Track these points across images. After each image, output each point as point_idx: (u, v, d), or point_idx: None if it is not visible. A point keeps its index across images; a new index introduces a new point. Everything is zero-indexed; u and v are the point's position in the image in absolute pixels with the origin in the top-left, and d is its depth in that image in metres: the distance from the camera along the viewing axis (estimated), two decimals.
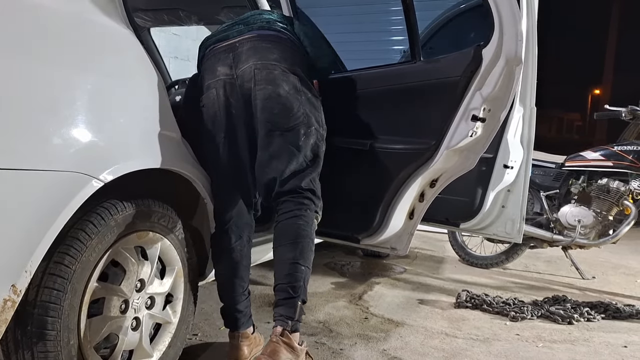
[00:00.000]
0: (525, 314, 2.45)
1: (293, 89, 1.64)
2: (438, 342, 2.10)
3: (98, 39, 1.40)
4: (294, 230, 1.59)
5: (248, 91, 1.64)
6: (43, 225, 1.19)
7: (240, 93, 1.66)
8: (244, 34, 1.70)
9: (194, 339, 1.98)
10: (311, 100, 1.69)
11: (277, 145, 1.64)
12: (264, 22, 1.77)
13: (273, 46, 1.68)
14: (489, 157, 2.44)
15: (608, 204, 3.03)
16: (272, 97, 1.63)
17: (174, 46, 4.36)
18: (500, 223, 2.63)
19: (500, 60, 1.60)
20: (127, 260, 1.45)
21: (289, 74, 1.65)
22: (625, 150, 3.02)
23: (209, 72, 1.71)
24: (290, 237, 1.59)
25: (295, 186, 1.63)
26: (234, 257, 1.71)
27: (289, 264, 1.55)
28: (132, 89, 1.47)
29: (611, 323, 2.47)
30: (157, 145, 1.50)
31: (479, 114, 1.69)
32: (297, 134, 1.64)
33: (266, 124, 1.64)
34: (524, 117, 2.45)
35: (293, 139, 1.64)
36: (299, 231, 1.59)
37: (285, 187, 1.64)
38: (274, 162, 1.64)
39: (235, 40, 1.70)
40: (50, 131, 1.21)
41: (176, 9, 2.77)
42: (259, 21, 1.77)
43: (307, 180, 1.65)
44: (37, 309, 1.25)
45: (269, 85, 1.62)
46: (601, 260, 3.78)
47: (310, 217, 1.62)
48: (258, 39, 1.68)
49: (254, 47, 1.66)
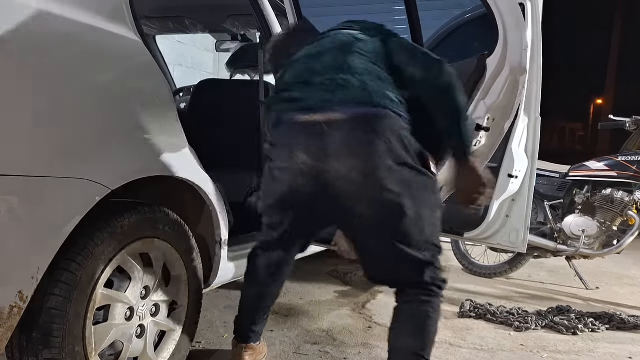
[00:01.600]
0: (529, 324, 2.44)
1: (407, 189, 1.31)
2: (442, 352, 2.09)
3: (106, 47, 1.41)
4: (420, 316, 1.37)
5: (344, 192, 1.33)
6: (51, 232, 1.20)
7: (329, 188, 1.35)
8: (334, 109, 1.31)
9: (198, 347, 1.97)
10: (427, 194, 1.35)
11: (390, 253, 1.37)
12: (358, 78, 1.33)
13: (374, 137, 1.29)
14: (493, 167, 2.43)
15: (612, 214, 3.02)
16: (391, 209, 1.31)
17: (179, 54, 4.39)
18: (505, 233, 2.61)
19: (504, 70, 1.61)
20: (132, 268, 1.45)
21: (402, 169, 1.31)
22: (629, 161, 3.01)
23: (282, 150, 1.41)
24: (415, 324, 1.38)
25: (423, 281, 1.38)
26: (265, 279, 1.62)
27: (409, 353, 1.36)
28: (140, 96, 1.48)
29: (615, 334, 2.45)
30: (163, 152, 1.50)
31: (483, 124, 1.70)
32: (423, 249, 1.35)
33: (384, 236, 1.36)
34: (529, 126, 2.45)
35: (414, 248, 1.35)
36: (425, 319, 1.36)
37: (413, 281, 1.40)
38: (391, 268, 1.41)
39: (321, 118, 1.32)
40: (58, 138, 1.22)
41: (181, 17, 2.79)
42: (352, 74, 1.34)
43: (432, 272, 1.38)
44: (43, 316, 1.25)
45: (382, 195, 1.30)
46: (605, 270, 3.76)
47: (436, 303, 1.38)
48: (353, 125, 1.30)
49: (347, 140, 1.29)
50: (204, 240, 1.78)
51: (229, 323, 2.20)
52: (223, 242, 1.78)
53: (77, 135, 1.26)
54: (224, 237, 1.78)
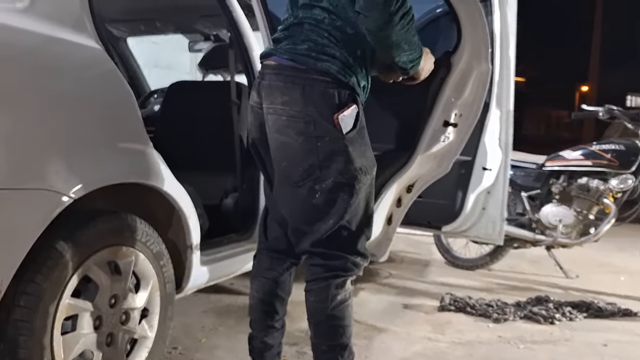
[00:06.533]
0: (507, 315, 2.47)
1: (303, 136, 1.38)
2: (421, 347, 2.11)
3: (65, 57, 1.40)
4: (310, 309, 1.49)
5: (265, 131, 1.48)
6: (13, 243, 1.20)
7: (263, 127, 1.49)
8: (273, 57, 1.45)
9: (174, 352, 1.96)
10: (328, 146, 1.39)
11: (289, 200, 1.48)
12: (300, 35, 1.43)
13: (285, 85, 1.40)
14: (467, 160, 2.46)
15: (588, 203, 3.06)
16: (280, 147, 1.44)
17: (154, 55, 4.35)
18: (482, 225, 2.65)
19: (468, 65, 1.62)
20: (99, 276, 1.44)
21: (299, 120, 1.39)
22: (603, 149, 3.05)
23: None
24: (309, 317, 1.49)
25: (305, 249, 1.48)
26: (268, 282, 1.60)
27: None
28: (101, 104, 1.47)
29: (593, 322, 2.49)
30: (126, 159, 1.50)
31: (450, 120, 1.71)
32: (310, 190, 1.41)
33: (278, 176, 1.48)
34: (501, 119, 2.48)
35: (306, 196, 1.42)
36: (313, 311, 1.48)
37: (300, 247, 1.49)
38: (288, 216, 1.50)
39: (266, 64, 1.47)
40: (18, 149, 1.21)
41: (152, 19, 2.77)
42: (296, 34, 1.44)
43: (318, 239, 1.44)
44: (9, 328, 1.25)
45: (276, 134, 1.43)
46: (586, 258, 3.81)
47: (324, 291, 1.45)
48: (275, 72, 1.43)
49: (269, 85, 1.43)
50: (175, 245, 1.77)
51: (206, 328, 2.21)
52: (195, 246, 1.77)
53: (37, 146, 1.26)
54: (195, 241, 1.77)
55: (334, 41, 1.39)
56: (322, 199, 1.41)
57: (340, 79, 1.37)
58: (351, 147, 1.39)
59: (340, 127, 1.36)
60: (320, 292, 1.45)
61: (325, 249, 1.44)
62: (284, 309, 1.64)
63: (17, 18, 1.33)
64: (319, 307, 1.46)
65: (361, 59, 1.41)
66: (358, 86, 1.41)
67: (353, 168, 1.39)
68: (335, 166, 1.38)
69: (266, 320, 1.61)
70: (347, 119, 1.37)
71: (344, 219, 1.42)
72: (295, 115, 1.38)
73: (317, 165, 1.38)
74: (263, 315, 1.61)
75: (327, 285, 1.45)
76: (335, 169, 1.39)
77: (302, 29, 1.43)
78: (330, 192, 1.40)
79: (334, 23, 1.39)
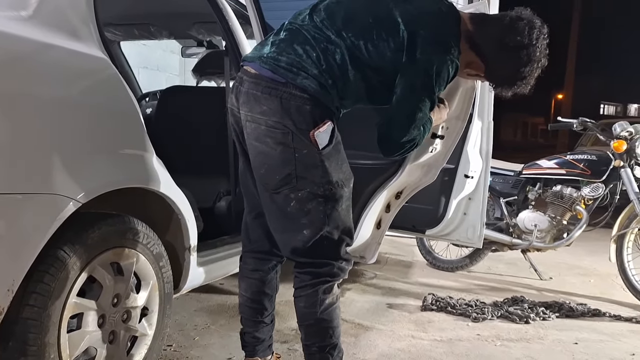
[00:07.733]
0: (485, 314, 2.59)
1: (281, 146, 1.43)
2: (404, 344, 2.22)
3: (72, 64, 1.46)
4: (300, 314, 1.57)
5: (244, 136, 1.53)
6: (25, 245, 1.25)
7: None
8: (254, 65, 1.48)
9: (169, 350, 2.03)
10: (305, 159, 1.43)
11: (267, 206, 1.54)
12: (284, 47, 1.47)
13: (262, 95, 1.43)
14: (451, 168, 2.57)
15: (562, 209, 3.21)
16: (259, 155, 1.48)
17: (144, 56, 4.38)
18: (463, 229, 2.77)
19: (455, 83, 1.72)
20: (103, 277, 1.50)
21: (277, 130, 1.42)
22: (576, 159, 3.21)
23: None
24: (300, 321, 1.57)
25: (288, 257, 1.58)
26: (255, 282, 1.68)
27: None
28: (106, 110, 1.52)
29: (564, 321, 2.64)
30: (131, 165, 1.57)
31: (437, 132, 1.82)
32: (286, 198, 1.46)
33: (257, 182, 1.54)
34: (482, 130, 2.60)
35: (281, 203, 1.48)
36: (303, 316, 1.56)
37: (283, 253, 1.59)
38: (268, 221, 1.57)
39: (246, 70, 1.50)
40: (29, 155, 1.27)
41: (146, 24, 2.81)
42: (286, 42, 1.48)
43: (301, 249, 1.50)
44: (19, 326, 1.30)
45: (255, 142, 1.48)
46: (559, 261, 3.98)
47: (313, 297, 1.52)
48: (254, 81, 1.46)
49: (247, 92, 1.47)
50: (173, 247, 1.83)
51: (199, 326, 2.28)
52: (192, 248, 1.84)
53: (48, 153, 1.31)
54: (192, 243, 1.84)
55: (320, 62, 1.43)
56: (296, 208, 1.46)
57: (318, 97, 1.42)
58: (327, 161, 1.44)
59: (317, 143, 1.42)
60: (309, 298, 1.53)
61: (310, 258, 1.52)
62: (272, 305, 1.73)
63: (22, 26, 1.36)
64: (309, 312, 1.54)
65: (341, 90, 1.46)
66: (333, 105, 1.46)
67: (329, 181, 1.45)
68: (311, 178, 1.44)
69: (256, 316, 1.70)
70: (322, 135, 1.42)
71: (324, 230, 1.47)
72: (273, 126, 1.42)
73: (293, 175, 1.43)
74: (253, 312, 1.70)
75: (315, 291, 1.52)
76: (311, 180, 1.44)
77: (297, 37, 1.47)
78: (304, 202, 1.45)
79: (332, 51, 1.44)
